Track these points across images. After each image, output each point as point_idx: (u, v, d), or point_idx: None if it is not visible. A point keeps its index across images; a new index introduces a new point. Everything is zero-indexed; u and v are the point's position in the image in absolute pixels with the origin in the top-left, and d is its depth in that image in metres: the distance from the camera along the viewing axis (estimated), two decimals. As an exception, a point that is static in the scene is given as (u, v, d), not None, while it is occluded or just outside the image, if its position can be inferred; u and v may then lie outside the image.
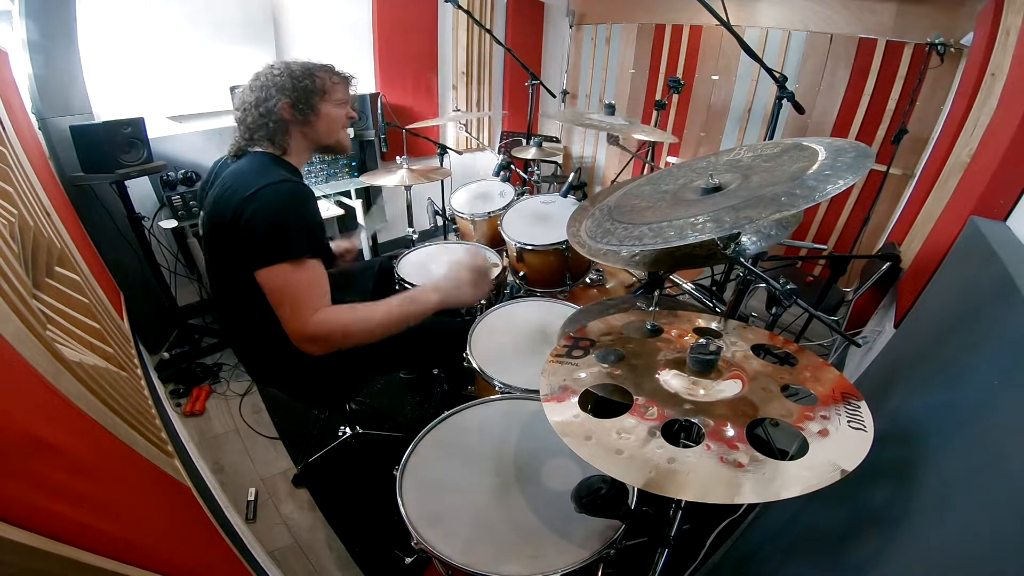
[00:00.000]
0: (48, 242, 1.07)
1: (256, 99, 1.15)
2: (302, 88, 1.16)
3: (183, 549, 0.88)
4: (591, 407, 0.74)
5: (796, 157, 0.88)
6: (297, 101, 1.16)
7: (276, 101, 1.14)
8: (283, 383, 1.37)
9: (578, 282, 1.89)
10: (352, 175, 2.84)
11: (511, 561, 0.82)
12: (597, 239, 0.95)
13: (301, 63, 1.19)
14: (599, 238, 0.95)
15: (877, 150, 2.58)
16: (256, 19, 2.47)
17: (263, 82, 1.16)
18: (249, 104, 1.16)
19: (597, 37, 3.73)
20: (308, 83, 1.16)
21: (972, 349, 0.82)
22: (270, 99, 1.14)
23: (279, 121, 1.16)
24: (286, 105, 1.15)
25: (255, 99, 1.15)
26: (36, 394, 0.63)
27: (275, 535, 1.60)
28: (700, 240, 0.75)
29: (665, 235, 0.80)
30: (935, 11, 2.31)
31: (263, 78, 1.16)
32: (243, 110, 1.17)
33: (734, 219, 0.75)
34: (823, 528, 0.89)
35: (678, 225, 0.81)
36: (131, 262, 2.15)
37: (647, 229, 0.85)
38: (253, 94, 1.16)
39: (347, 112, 1.27)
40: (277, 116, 1.15)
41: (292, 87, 1.15)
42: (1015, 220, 1.07)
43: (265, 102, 1.14)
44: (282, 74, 1.15)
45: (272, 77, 1.15)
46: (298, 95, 1.16)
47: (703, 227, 0.77)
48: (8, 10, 1.78)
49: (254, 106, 1.15)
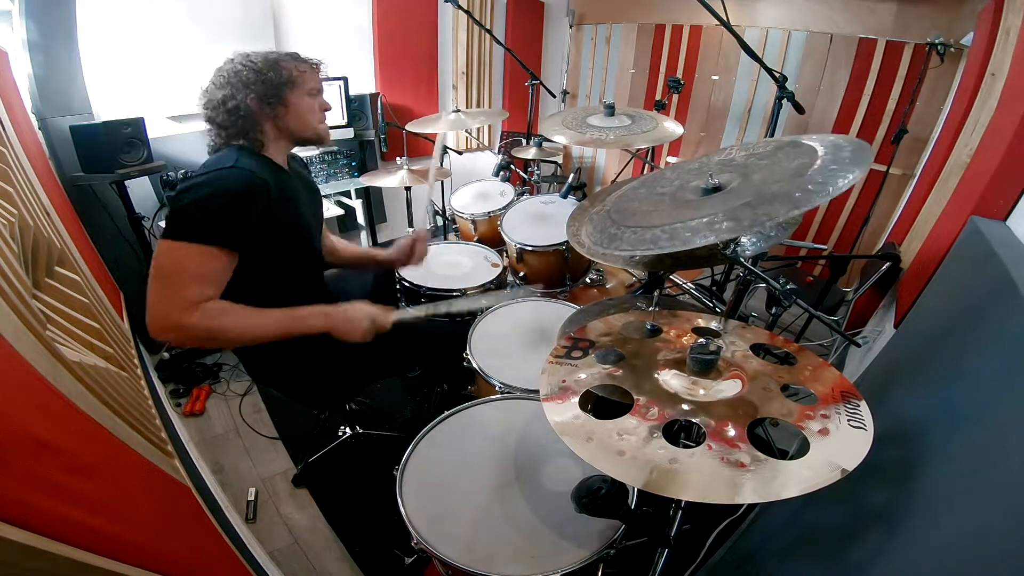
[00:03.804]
0: (48, 242, 1.07)
1: (223, 96, 1.09)
2: (268, 80, 1.10)
3: (183, 549, 0.88)
4: (591, 407, 0.74)
5: (792, 154, 0.88)
6: (264, 94, 1.10)
7: (243, 96, 1.09)
8: (283, 383, 1.36)
9: (578, 282, 1.89)
10: (352, 175, 2.84)
11: (511, 561, 0.82)
12: (604, 245, 0.92)
13: (263, 54, 1.13)
14: (605, 244, 0.92)
15: (877, 150, 2.59)
16: (256, 19, 2.47)
17: (227, 78, 1.10)
18: (216, 102, 1.10)
19: (597, 37, 3.73)
20: (273, 75, 1.11)
21: (972, 349, 0.82)
22: (236, 95, 1.09)
23: (247, 117, 1.11)
24: (253, 99, 1.09)
25: (221, 96, 1.10)
26: (36, 394, 0.63)
27: (275, 535, 1.60)
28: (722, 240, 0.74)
29: (681, 236, 0.78)
30: (935, 11, 2.31)
31: (226, 74, 1.10)
32: (211, 109, 1.12)
33: (752, 217, 0.74)
34: (823, 528, 0.89)
35: (693, 226, 0.79)
36: (131, 262, 2.15)
37: (660, 232, 0.83)
38: (220, 91, 1.10)
39: (320, 102, 1.20)
40: (245, 112, 1.10)
41: (256, 80, 1.09)
42: (1015, 220, 1.07)
43: (232, 99, 1.09)
44: (245, 68, 1.10)
45: (235, 72, 1.10)
46: (264, 88, 1.10)
47: (721, 228, 0.75)
48: (8, 10, 1.79)
49: (222, 103, 1.10)
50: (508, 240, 1.79)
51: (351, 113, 2.73)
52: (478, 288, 1.67)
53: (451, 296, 1.69)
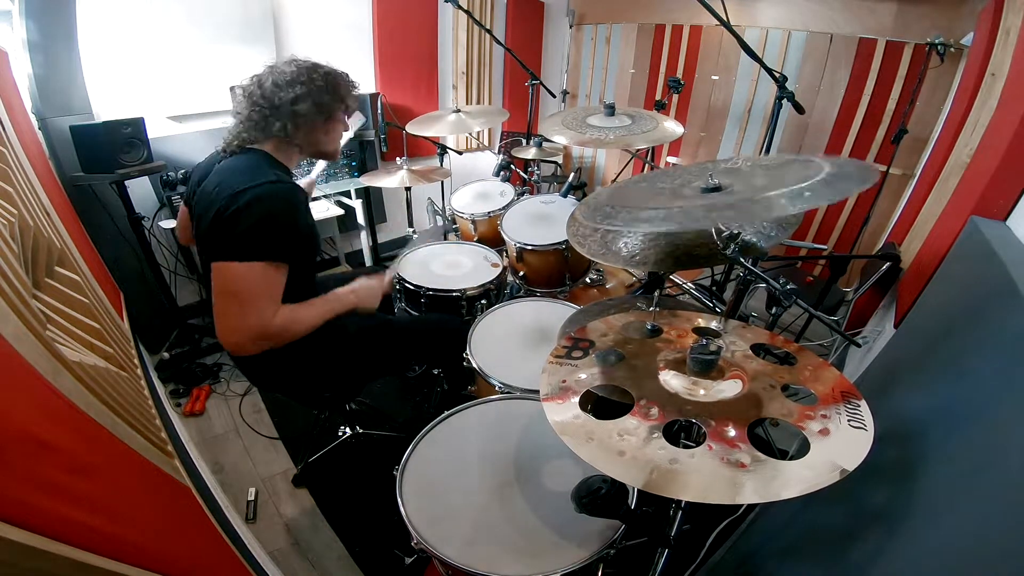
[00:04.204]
0: (48, 242, 1.07)
1: (279, 97, 1.10)
2: (332, 93, 1.14)
3: (183, 549, 0.88)
4: (591, 407, 0.74)
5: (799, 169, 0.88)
6: (323, 106, 1.13)
7: (304, 103, 1.11)
8: (282, 384, 1.36)
9: (578, 282, 1.89)
10: (352, 175, 2.84)
11: (511, 561, 0.82)
12: (596, 221, 0.92)
13: (328, 68, 1.16)
14: (598, 219, 0.91)
15: (877, 150, 2.59)
16: (256, 19, 2.47)
17: (294, 78, 1.11)
18: (266, 100, 1.11)
19: (597, 37, 3.73)
20: (335, 90, 1.15)
21: (972, 349, 0.82)
22: (299, 100, 1.10)
23: (297, 122, 1.12)
24: (312, 108, 1.12)
25: (278, 97, 1.10)
26: (36, 394, 0.63)
27: (275, 535, 1.60)
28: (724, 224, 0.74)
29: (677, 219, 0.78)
30: (935, 11, 2.31)
31: (291, 75, 1.11)
32: (255, 104, 1.12)
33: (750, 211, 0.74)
34: (823, 528, 0.89)
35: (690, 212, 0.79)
36: (131, 262, 2.15)
37: (654, 212, 0.83)
38: (281, 91, 1.10)
39: (346, 123, 1.26)
40: (298, 117, 1.12)
41: (321, 91, 1.12)
42: (1015, 220, 1.07)
43: (291, 101, 1.10)
44: (317, 74, 1.12)
45: (306, 76, 1.11)
46: (325, 100, 1.13)
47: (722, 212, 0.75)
48: (8, 10, 1.78)
49: (272, 102, 1.10)
50: (508, 240, 1.79)
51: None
52: (478, 288, 1.67)
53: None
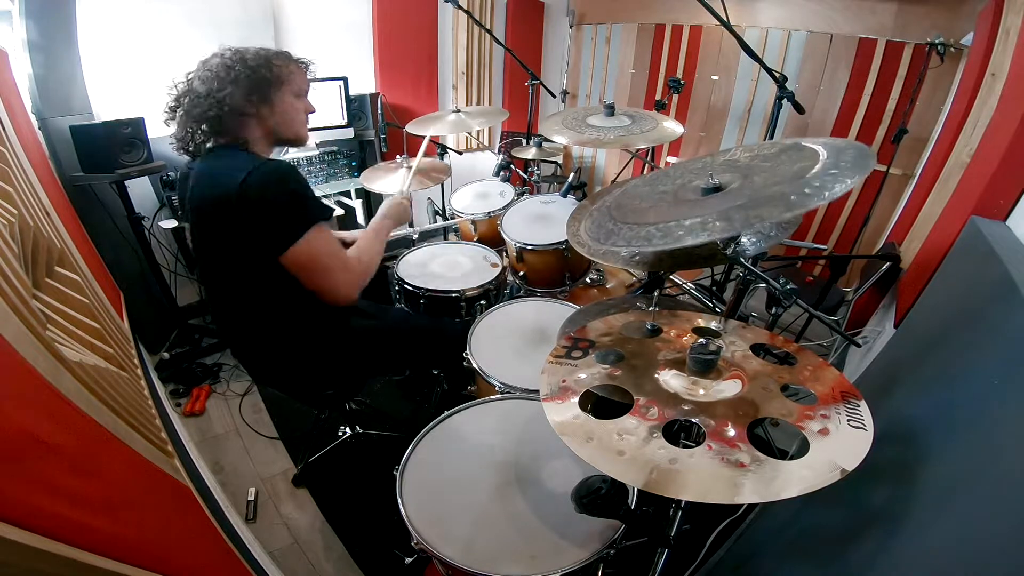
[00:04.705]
0: (48, 242, 1.07)
1: (207, 90, 1.06)
2: (259, 78, 1.08)
3: (183, 549, 0.88)
4: (591, 407, 0.74)
5: (795, 157, 0.88)
6: (252, 92, 1.07)
7: (230, 92, 1.05)
8: (282, 381, 1.37)
9: (578, 282, 1.89)
10: (352, 175, 2.84)
11: (511, 561, 0.82)
12: (600, 240, 0.93)
13: (254, 50, 1.11)
14: (602, 239, 0.92)
15: (877, 150, 2.58)
16: (256, 19, 2.47)
17: (215, 72, 1.06)
18: (199, 96, 1.06)
19: (597, 37, 3.73)
20: (265, 72, 1.08)
21: (972, 349, 0.82)
22: (223, 90, 1.05)
23: (232, 114, 1.07)
24: (241, 96, 1.06)
25: (206, 90, 1.06)
26: (36, 394, 0.63)
27: (275, 535, 1.60)
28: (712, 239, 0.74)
29: (674, 235, 0.78)
30: (935, 11, 2.31)
31: (214, 68, 1.07)
32: (192, 103, 1.08)
33: (744, 219, 0.74)
34: (823, 528, 0.89)
35: (687, 226, 0.79)
36: (131, 262, 2.15)
37: (654, 230, 0.83)
38: (204, 85, 1.06)
39: (306, 105, 1.19)
40: (231, 108, 1.07)
41: (247, 76, 1.06)
42: (1015, 220, 1.07)
43: (218, 92, 1.05)
44: (236, 63, 1.07)
45: (225, 67, 1.06)
46: (254, 85, 1.07)
47: (713, 227, 0.75)
48: (8, 10, 1.78)
49: (204, 97, 1.06)
50: (508, 240, 1.79)
51: (351, 113, 2.73)
52: (478, 288, 1.68)
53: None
